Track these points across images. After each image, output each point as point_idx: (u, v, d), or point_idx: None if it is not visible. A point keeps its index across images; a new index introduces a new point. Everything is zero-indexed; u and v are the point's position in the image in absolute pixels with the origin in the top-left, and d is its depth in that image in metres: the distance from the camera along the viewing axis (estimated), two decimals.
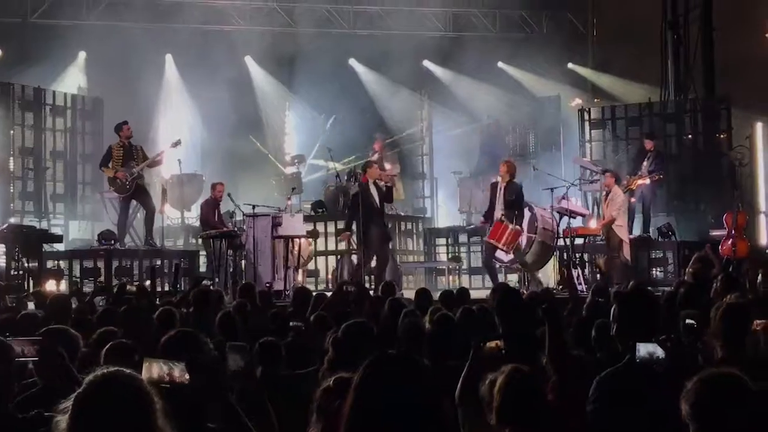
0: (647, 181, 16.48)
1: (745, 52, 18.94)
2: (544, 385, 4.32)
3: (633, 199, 16.39)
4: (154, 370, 3.01)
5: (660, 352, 4.71)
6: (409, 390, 2.80)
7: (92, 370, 2.85)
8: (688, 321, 6.13)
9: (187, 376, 3.07)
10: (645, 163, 16.88)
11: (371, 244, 14.80)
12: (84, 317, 7.75)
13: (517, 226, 14.42)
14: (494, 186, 14.91)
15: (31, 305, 10.04)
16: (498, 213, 14.56)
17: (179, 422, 2.88)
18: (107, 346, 5.35)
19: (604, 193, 15.52)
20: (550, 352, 4.85)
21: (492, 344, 5.05)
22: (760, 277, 10.73)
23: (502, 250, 14.49)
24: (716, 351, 5.16)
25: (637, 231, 16.71)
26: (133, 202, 16.22)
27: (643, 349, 4.75)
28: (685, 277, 11.61)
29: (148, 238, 15.95)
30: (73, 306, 8.95)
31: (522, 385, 4.16)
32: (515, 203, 14.60)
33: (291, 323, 7.43)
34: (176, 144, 16.22)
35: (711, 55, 18.93)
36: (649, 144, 17.25)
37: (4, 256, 14.60)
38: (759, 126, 19.89)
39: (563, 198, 15.11)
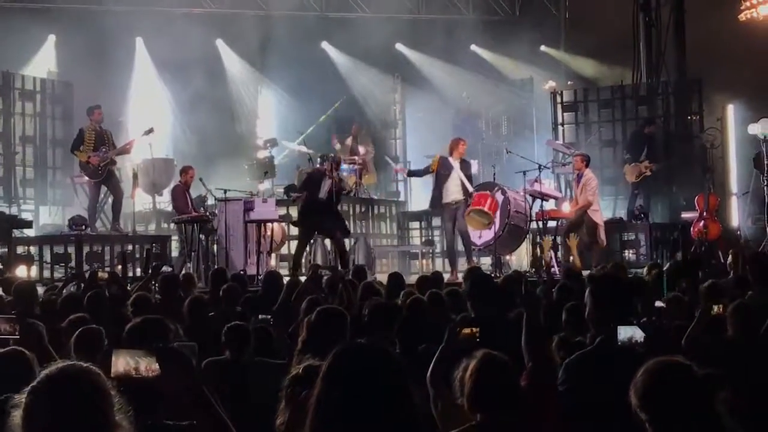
0: (654, 167, 16.89)
1: (716, 34, 18.97)
2: (516, 372, 4.30)
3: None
4: (120, 363, 2.95)
5: (640, 335, 4.71)
6: (377, 380, 2.76)
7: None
8: (657, 304, 6.15)
9: (156, 367, 3.01)
10: (645, 150, 17.21)
11: (307, 232, 15.07)
12: (52, 305, 7.67)
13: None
14: (445, 161, 14.81)
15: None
16: (459, 189, 14.56)
17: (142, 416, 2.83)
18: (76, 333, 5.29)
19: (575, 175, 15.55)
20: (527, 337, 4.83)
21: (467, 330, 5.03)
22: (730, 258, 10.77)
23: (489, 216, 14.41)
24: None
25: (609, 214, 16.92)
26: (104, 187, 16.08)
27: (624, 332, 4.76)
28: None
29: (115, 224, 15.84)
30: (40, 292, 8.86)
31: (493, 371, 4.14)
32: (470, 177, 14.77)
33: (260, 316, 7.37)
34: (148, 132, 16.04)
35: (683, 37, 18.99)
36: (649, 129, 17.54)
37: None
38: (730, 108, 19.97)
39: (536, 181, 15.11)
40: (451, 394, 4.34)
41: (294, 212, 17.24)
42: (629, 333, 4.76)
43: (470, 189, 14.59)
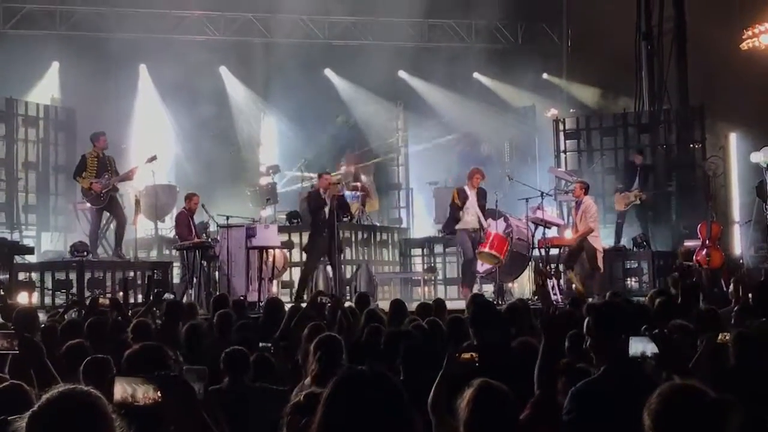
0: (644, 195, 16.92)
1: (719, 63, 19.04)
2: (514, 402, 4.26)
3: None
4: (118, 390, 2.93)
5: (651, 348, 4.67)
6: (378, 407, 2.75)
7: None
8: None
9: (155, 395, 2.99)
10: (637, 179, 17.25)
11: (317, 253, 15.07)
12: (53, 331, 7.64)
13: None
14: (462, 192, 14.98)
15: None
16: (476, 218, 14.74)
17: None
18: (85, 362, 5.25)
19: (574, 203, 15.58)
20: (540, 366, 4.79)
21: (466, 355, 5.00)
22: (732, 286, 10.74)
23: (499, 259, 14.56)
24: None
25: (609, 241, 16.92)
26: (106, 213, 16.05)
27: (635, 345, 4.71)
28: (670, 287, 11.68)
29: (117, 250, 15.80)
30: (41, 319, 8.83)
31: (490, 400, 4.09)
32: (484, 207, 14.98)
33: (260, 344, 7.33)
34: (151, 159, 15.99)
35: (685, 66, 19.00)
36: (638, 159, 17.55)
37: None
38: (732, 136, 19.98)
39: (538, 208, 15.15)
40: (453, 421, 4.31)
41: (296, 239, 17.27)
42: (640, 346, 4.72)
43: (484, 224, 14.83)
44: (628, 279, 16.60)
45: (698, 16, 18.92)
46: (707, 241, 15.85)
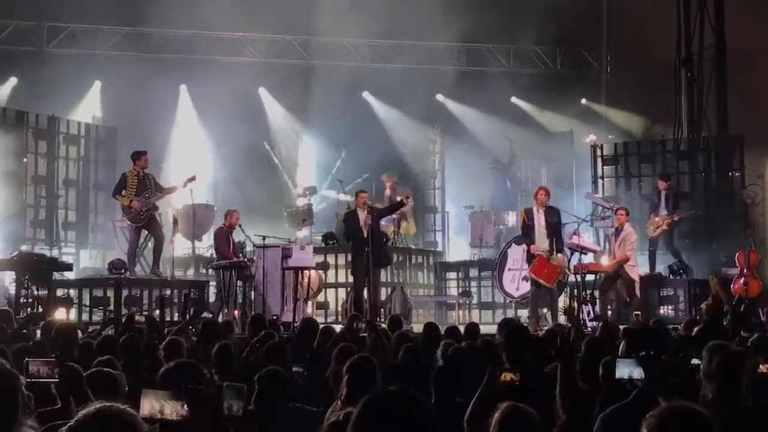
0: (676, 218, 16.69)
1: (759, 90, 18.90)
2: (540, 424, 4.25)
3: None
4: (146, 405, 2.97)
5: (638, 372, 4.66)
6: (407, 427, 2.78)
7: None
8: (694, 361, 6.02)
9: (182, 411, 3.01)
10: (662, 203, 17.06)
11: (361, 271, 15.05)
12: (89, 347, 7.71)
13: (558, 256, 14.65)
14: (530, 212, 14.96)
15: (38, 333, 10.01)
16: (544, 240, 14.65)
17: None
18: (87, 373, 5.29)
19: (613, 230, 15.52)
20: (561, 390, 4.79)
21: (507, 377, 5.01)
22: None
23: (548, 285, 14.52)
24: (707, 391, 5.06)
25: (645, 269, 16.79)
26: (144, 232, 16.16)
27: (621, 368, 4.70)
28: (698, 316, 11.57)
29: (155, 268, 15.90)
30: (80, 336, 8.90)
31: (517, 423, 4.10)
32: (558, 225, 14.80)
33: (293, 368, 7.35)
34: (190, 180, 16.04)
35: (724, 93, 18.90)
36: (662, 185, 17.35)
37: (14, 284, 14.61)
38: None
39: (575, 233, 15.14)
40: None
41: (331, 260, 17.34)
42: (627, 369, 4.70)
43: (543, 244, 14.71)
44: (663, 307, 16.47)
45: (739, 43, 18.83)
46: (745, 270, 15.72)
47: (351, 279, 16.10)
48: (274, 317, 13.38)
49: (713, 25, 18.83)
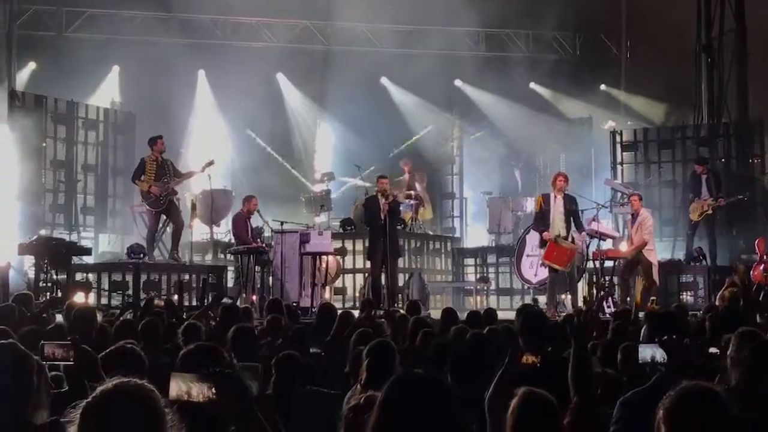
0: (722, 203, 16.44)
1: None
2: (558, 410, 4.23)
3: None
4: (174, 387, 2.97)
5: (661, 355, 4.63)
6: (431, 408, 2.84)
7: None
8: (711, 350, 5.99)
9: (210, 392, 3.02)
10: (704, 188, 16.76)
11: (378, 257, 14.98)
12: (106, 331, 7.72)
13: (571, 244, 14.53)
14: (547, 198, 14.83)
15: (59, 317, 10.06)
16: (562, 226, 14.54)
17: None
18: (107, 350, 5.30)
19: (630, 215, 15.45)
20: (573, 372, 4.77)
21: (528, 359, 5.01)
22: None
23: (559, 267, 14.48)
24: (732, 377, 5.01)
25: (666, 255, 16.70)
26: (163, 217, 16.20)
27: (644, 352, 4.67)
28: (717, 301, 11.49)
29: (173, 253, 15.96)
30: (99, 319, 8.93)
31: (534, 409, 4.09)
32: (576, 212, 14.69)
33: (311, 350, 7.36)
34: (209, 164, 16.07)
35: (745, 79, 18.76)
36: (699, 168, 17.07)
37: (33, 268, 14.68)
38: None
39: (593, 220, 15.07)
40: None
41: (349, 246, 17.35)
42: (650, 352, 4.67)
43: (578, 237, 14.71)
44: (683, 293, 16.40)
45: (759, 29, 18.68)
46: (765, 257, 15.63)
47: (369, 265, 16.10)
48: (294, 304, 13.38)
49: (734, 9, 18.68)
